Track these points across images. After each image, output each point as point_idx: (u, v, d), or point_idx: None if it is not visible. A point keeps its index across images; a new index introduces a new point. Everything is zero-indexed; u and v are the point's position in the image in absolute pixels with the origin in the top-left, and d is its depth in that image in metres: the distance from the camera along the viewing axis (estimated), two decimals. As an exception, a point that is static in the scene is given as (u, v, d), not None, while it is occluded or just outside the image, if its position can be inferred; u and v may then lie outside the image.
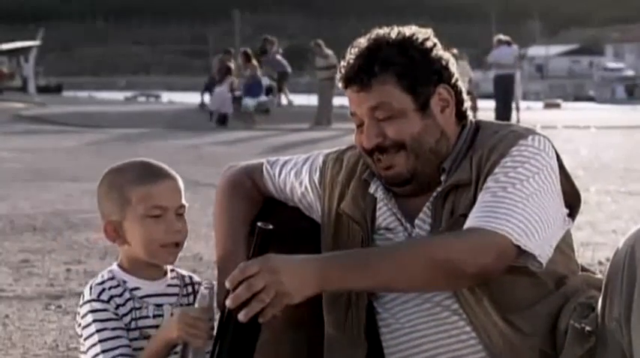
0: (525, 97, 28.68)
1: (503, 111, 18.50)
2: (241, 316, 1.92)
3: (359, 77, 2.23)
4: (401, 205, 2.29)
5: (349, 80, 2.26)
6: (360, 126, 2.27)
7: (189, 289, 2.23)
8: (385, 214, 2.30)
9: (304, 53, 26.97)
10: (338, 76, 2.29)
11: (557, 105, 31.02)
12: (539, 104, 31.47)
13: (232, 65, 20.92)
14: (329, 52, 19.72)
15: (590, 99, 43.25)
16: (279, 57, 22.22)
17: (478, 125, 2.31)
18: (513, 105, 18.87)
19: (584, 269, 2.35)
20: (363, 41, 2.27)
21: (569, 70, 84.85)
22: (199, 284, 2.22)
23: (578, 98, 43.35)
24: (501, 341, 2.15)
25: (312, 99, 23.65)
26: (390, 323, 2.25)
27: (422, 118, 2.23)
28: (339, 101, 20.19)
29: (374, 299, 2.29)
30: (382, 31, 2.28)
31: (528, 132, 2.23)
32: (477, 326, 2.16)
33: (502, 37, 19.18)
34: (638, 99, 44.85)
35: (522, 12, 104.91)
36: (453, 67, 2.30)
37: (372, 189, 2.32)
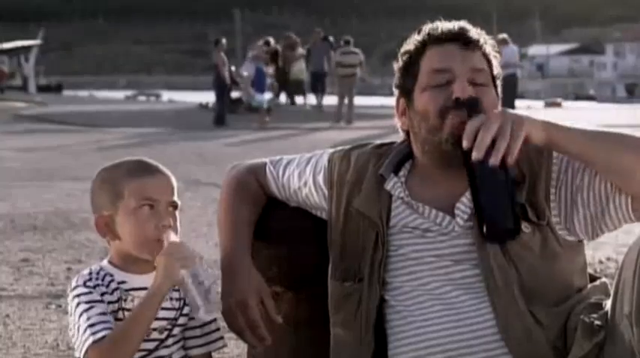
0: (526, 96, 28.72)
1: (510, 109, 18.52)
2: (492, 160, 2.06)
3: (468, 36, 2.27)
4: (425, 199, 2.27)
5: (456, 35, 2.27)
6: (440, 86, 2.24)
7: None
8: (404, 213, 2.28)
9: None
10: (420, 36, 2.30)
11: (558, 104, 31.01)
12: (540, 103, 31.44)
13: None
14: (357, 49, 19.62)
15: (591, 98, 43.21)
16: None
17: None
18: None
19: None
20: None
21: (570, 69, 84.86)
22: None
23: (578, 97, 43.30)
24: (520, 330, 2.14)
25: (311, 99, 23.61)
26: (404, 315, 2.24)
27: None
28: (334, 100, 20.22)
29: (386, 293, 2.28)
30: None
31: None
32: (498, 313, 2.15)
33: (505, 36, 19.18)
34: (639, 98, 44.84)
35: (523, 11, 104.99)
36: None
37: (388, 186, 2.30)
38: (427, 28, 2.31)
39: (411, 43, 2.33)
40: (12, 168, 11.16)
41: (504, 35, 19.30)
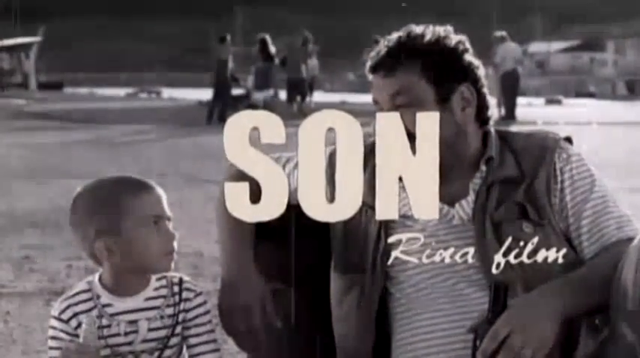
0: (526, 93, 28.71)
1: (511, 107, 18.49)
2: None
3: (386, 63, 2.28)
4: None
5: (376, 65, 2.30)
6: None
7: (177, 298, 2.19)
8: (405, 200, 2.29)
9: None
10: (367, 64, 2.33)
11: (559, 101, 31.03)
12: (541, 100, 31.45)
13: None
14: None
15: (591, 95, 43.18)
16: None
17: (500, 132, 2.37)
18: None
19: None
20: (396, 34, 2.32)
21: (571, 66, 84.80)
22: (189, 290, 2.20)
23: (579, 94, 43.27)
24: None
25: (316, 97, 23.54)
26: (410, 307, 2.25)
27: (440, 111, 2.24)
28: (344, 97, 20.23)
29: (392, 286, 2.28)
30: (417, 27, 2.32)
31: (551, 133, 2.36)
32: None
33: (503, 33, 19.15)
34: (639, 95, 44.81)
35: (523, 7, 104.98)
36: (482, 73, 2.33)
37: None
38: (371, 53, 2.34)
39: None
40: (12, 164, 11.16)
41: (502, 33, 19.26)
